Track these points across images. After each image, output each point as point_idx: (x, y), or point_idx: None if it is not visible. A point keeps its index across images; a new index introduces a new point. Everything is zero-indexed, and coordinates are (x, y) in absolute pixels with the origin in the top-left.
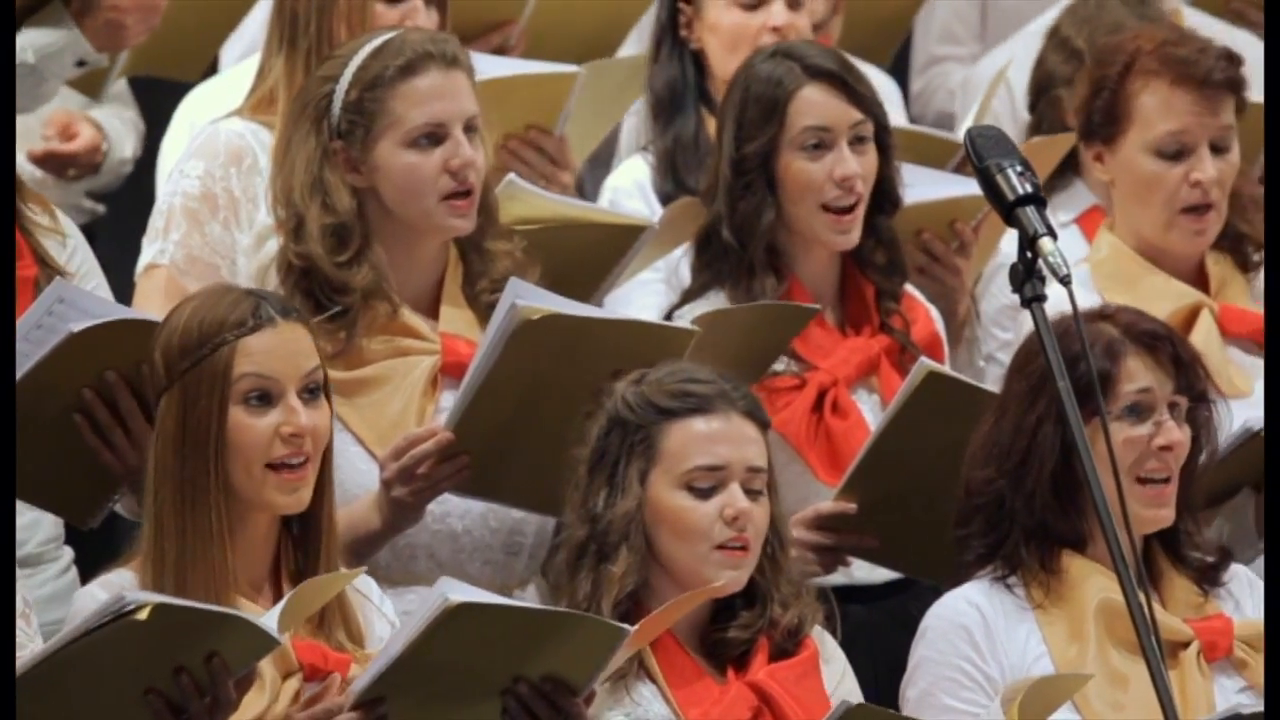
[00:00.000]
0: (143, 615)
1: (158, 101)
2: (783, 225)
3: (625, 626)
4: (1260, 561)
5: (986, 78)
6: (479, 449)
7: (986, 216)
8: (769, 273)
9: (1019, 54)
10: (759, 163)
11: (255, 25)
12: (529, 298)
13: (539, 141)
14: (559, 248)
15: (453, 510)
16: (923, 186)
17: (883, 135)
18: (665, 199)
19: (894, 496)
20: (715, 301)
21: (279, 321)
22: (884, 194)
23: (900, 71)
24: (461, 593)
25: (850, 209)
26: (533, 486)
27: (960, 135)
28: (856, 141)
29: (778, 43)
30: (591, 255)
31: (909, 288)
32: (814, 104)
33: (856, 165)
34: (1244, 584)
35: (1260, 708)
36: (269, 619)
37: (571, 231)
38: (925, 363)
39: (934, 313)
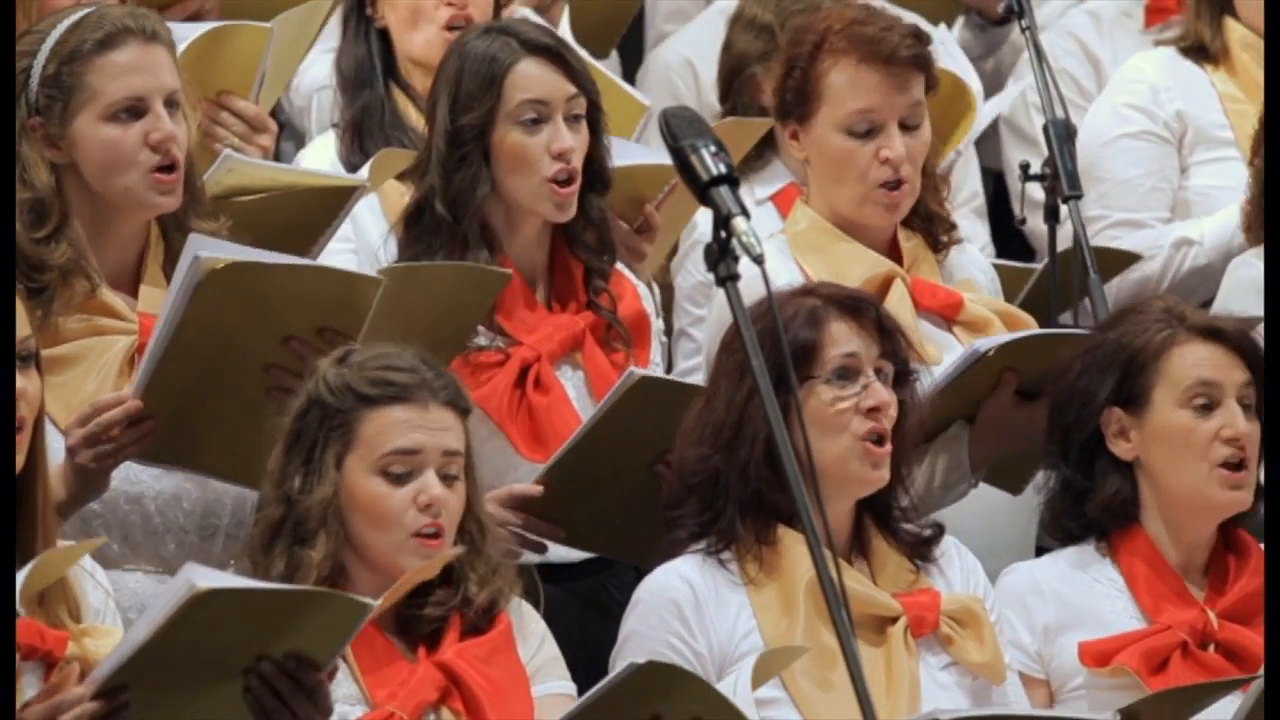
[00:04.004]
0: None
1: None
2: (496, 199)
3: (369, 601)
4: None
5: (674, 56)
6: (167, 413)
7: (674, 189)
8: (481, 246)
9: (700, 35)
10: (474, 135)
11: None
12: (211, 249)
13: (233, 106)
14: (271, 217)
15: (146, 492)
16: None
17: (595, 113)
18: (352, 171)
19: (593, 485)
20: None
21: None
22: (595, 172)
23: (627, 54)
24: (208, 578)
25: (568, 182)
26: (227, 453)
27: None
28: (572, 118)
29: (491, 21)
30: (304, 220)
31: (619, 265)
32: (531, 78)
33: (572, 139)
34: (954, 559)
35: (962, 693)
36: None
37: (283, 200)
38: (635, 371)
39: (642, 290)
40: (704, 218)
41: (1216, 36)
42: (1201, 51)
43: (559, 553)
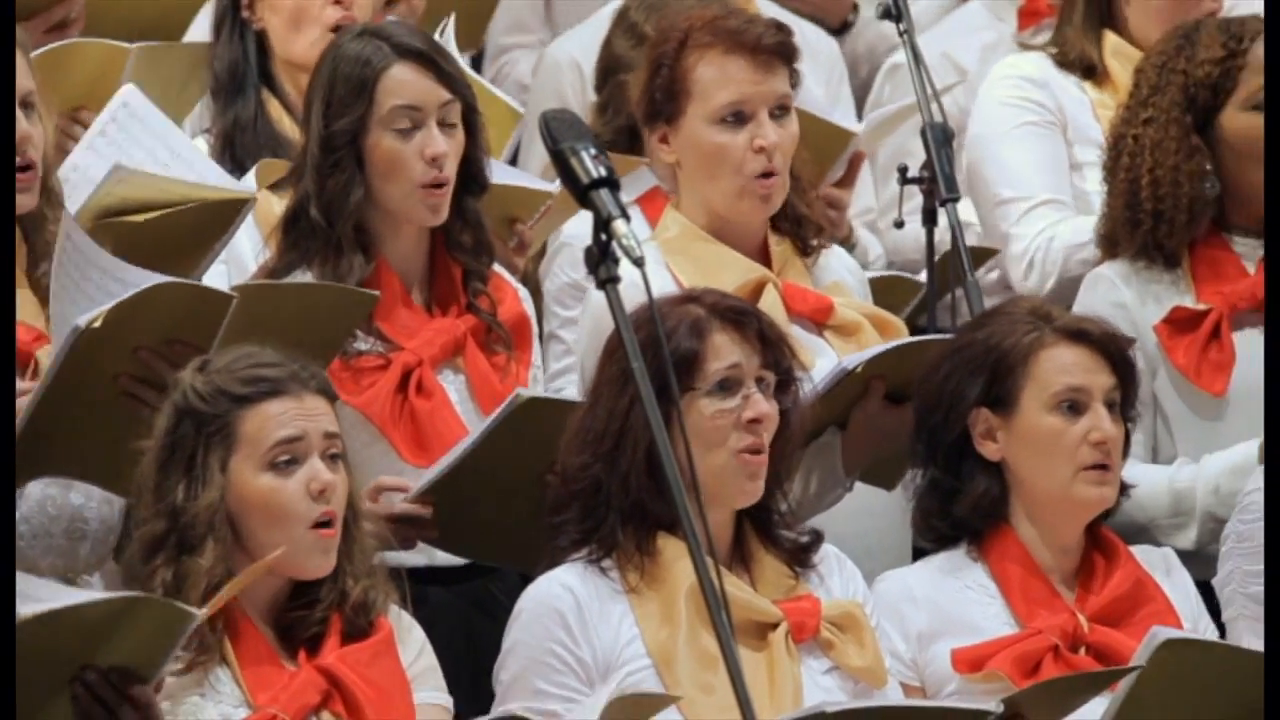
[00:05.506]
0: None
1: None
2: (371, 204)
3: (193, 610)
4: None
5: (557, 62)
6: (24, 421)
7: (549, 210)
8: (357, 251)
9: (588, 38)
10: (348, 140)
11: None
12: (77, 299)
13: (86, 121)
14: (162, 232)
15: None
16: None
17: (471, 116)
18: None
19: (477, 497)
20: (300, 280)
21: None
22: (471, 176)
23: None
24: (23, 605)
25: (440, 185)
26: (88, 458)
27: None
28: (445, 123)
29: (365, 23)
30: (193, 234)
31: (498, 268)
32: (403, 83)
33: (445, 145)
34: (833, 564)
35: (844, 697)
36: None
37: (177, 215)
38: (522, 393)
39: (523, 293)
40: (571, 221)
41: (1094, 49)
42: (1079, 64)
43: (444, 557)
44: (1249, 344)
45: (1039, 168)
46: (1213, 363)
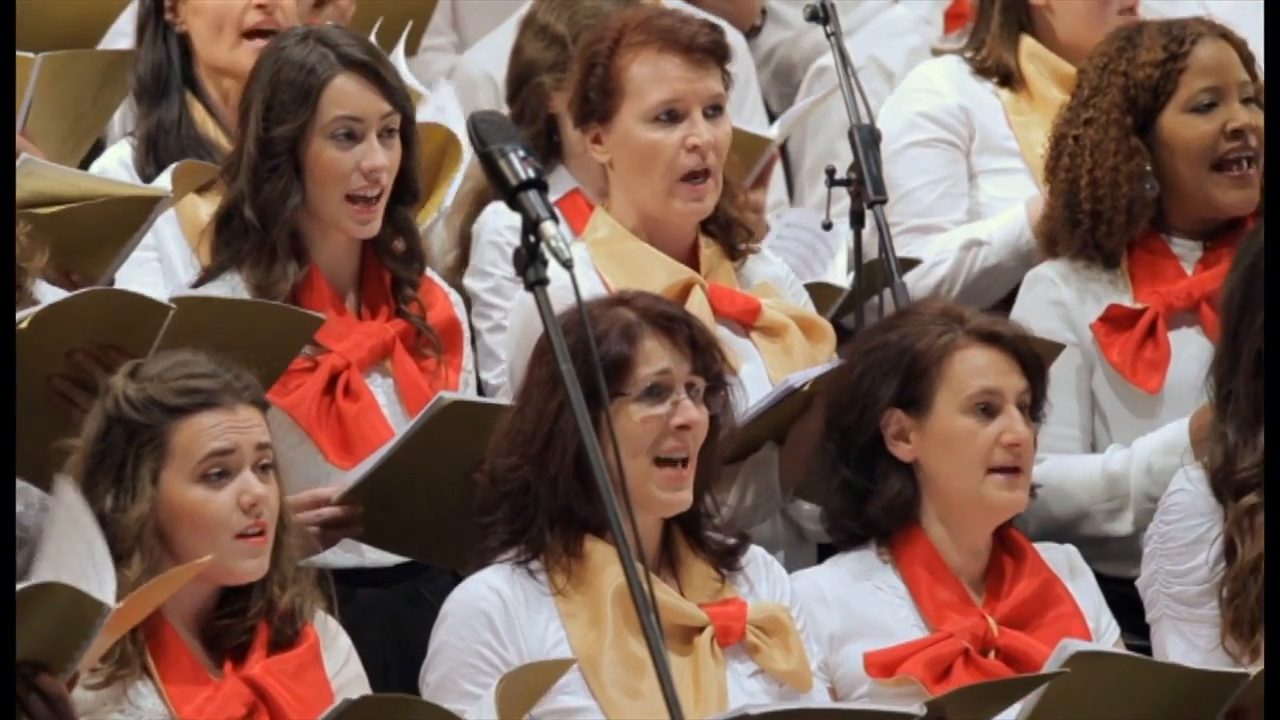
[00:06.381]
0: None
1: None
2: (306, 210)
3: (105, 600)
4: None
5: (470, 78)
6: None
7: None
8: (291, 257)
9: (500, 48)
10: (287, 147)
11: None
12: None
13: None
14: (73, 226)
15: None
16: None
17: (407, 127)
18: (148, 182)
19: (404, 497)
20: (232, 282)
21: None
22: (405, 185)
23: None
24: None
25: (374, 200)
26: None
27: None
28: (385, 133)
29: (309, 27)
30: (105, 230)
31: (430, 273)
32: (347, 94)
33: (384, 157)
34: (760, 568)
35: (770, 700)
36: None
37: (85, 210)
38: (445, 395)
39: (454, 297)
40: (493, 218)
41: (1012, 56)
42: (995, 70)
43: (374, 556)
44: (1184, 343)
45: (925, 188)
46: (1148, 361)
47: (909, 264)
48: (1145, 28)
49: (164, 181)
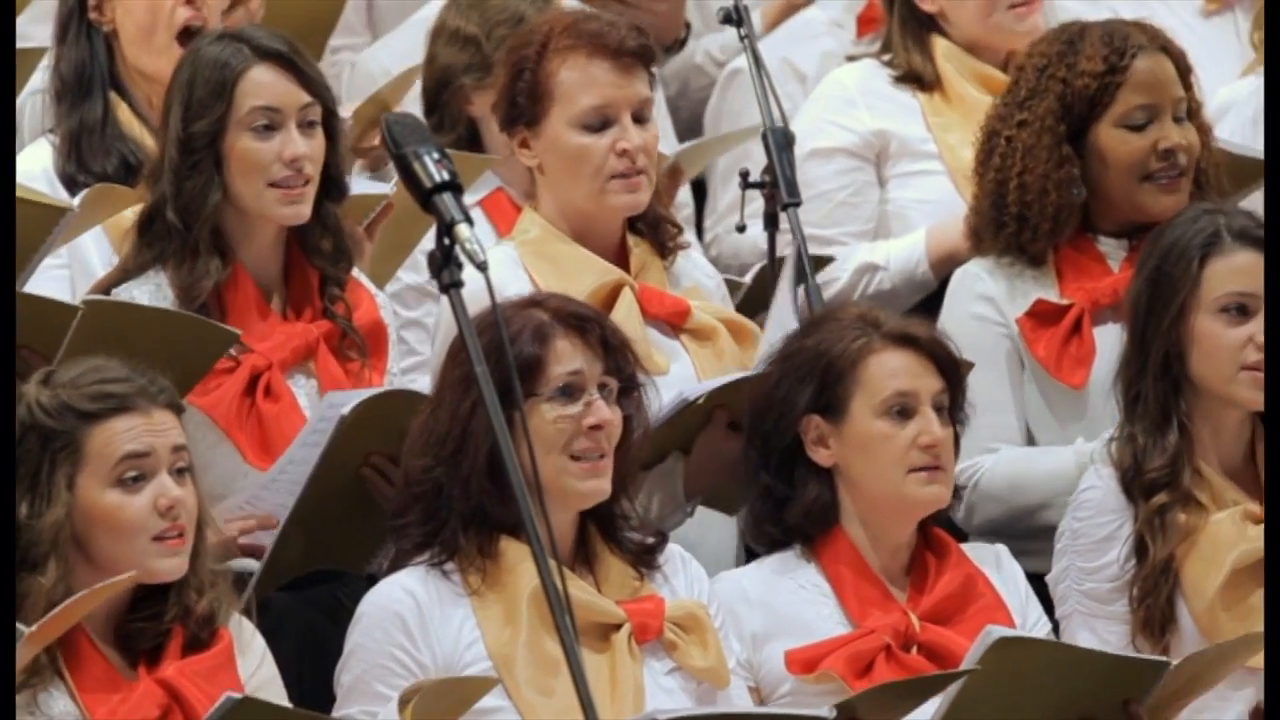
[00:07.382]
0: None
1: None
2: (229, 206)
3: (18, 626)
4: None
5: (376, 66)
6: None
7: (386, 209)
8: (214, 255)
9: (401, 45)
10: (206, 142)
11: None
12: None
13: None
14: None
15: None
16: None
17: (331, 120)
18: (69, 183)
19: (319, 510)
20: (155, 281)
21: None
22: (331, 180)
23: None
24: None
25: (301, 185)
26: None
27: None
28: (306, 124)
29: (225, 27)
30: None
31: (356, 273)
32: (262, 85)
33: (306, 146)
34: (678, 565)
35: (687, 698)
36: None
37: None
38: (345, 415)
39: (380, 298)
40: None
41: (927, 61)
42: (909, 75)
43: None
44: (1109, 339)
45: (822, 198)
46: (1073, 356)
47: (824, 261)
48: (1088, 32)
49: (78, 201)
